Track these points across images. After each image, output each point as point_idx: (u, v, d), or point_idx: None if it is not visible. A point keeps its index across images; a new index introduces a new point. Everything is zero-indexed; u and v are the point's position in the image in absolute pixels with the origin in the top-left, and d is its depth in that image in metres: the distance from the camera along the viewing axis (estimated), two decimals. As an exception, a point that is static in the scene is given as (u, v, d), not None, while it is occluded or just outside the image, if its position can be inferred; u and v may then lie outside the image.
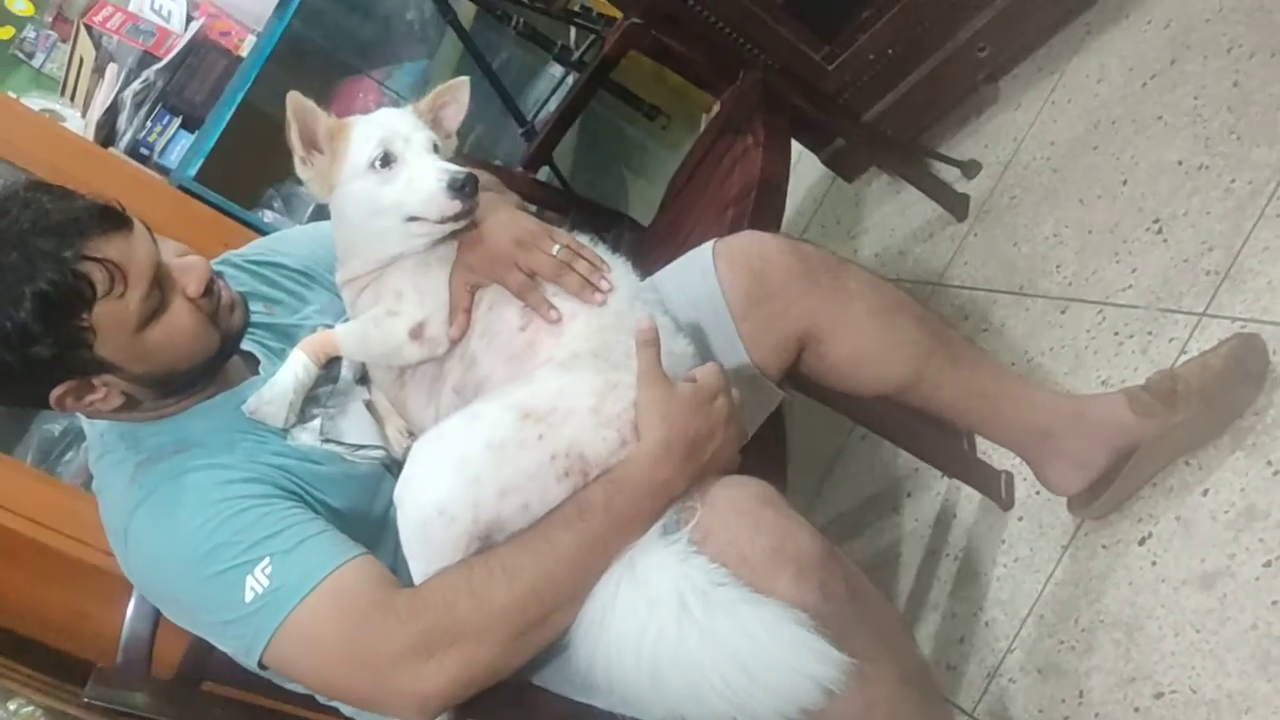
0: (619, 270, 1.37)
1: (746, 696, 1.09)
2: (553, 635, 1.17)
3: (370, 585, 1.17)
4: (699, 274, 1.45)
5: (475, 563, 1.16)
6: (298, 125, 1.30)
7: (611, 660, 1.13)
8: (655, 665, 1.11)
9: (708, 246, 1.47)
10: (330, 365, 1.40)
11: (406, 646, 1.13)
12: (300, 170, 1.34)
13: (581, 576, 1.15)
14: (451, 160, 1.33)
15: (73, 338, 1.20)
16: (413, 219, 1.30)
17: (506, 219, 1.36)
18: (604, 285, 1.33)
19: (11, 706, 1.89)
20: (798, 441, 2.37)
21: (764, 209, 1.89)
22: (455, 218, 1.30)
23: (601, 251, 1.39)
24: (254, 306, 1.48)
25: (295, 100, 1.29)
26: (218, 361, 1.34)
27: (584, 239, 1.39)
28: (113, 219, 1.23)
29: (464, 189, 1.27)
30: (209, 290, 1.30)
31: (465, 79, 1.41)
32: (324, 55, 2.89)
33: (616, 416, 1.22)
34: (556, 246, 1.33)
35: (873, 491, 2.17)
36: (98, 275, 1.19)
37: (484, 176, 1.52)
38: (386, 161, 1.29)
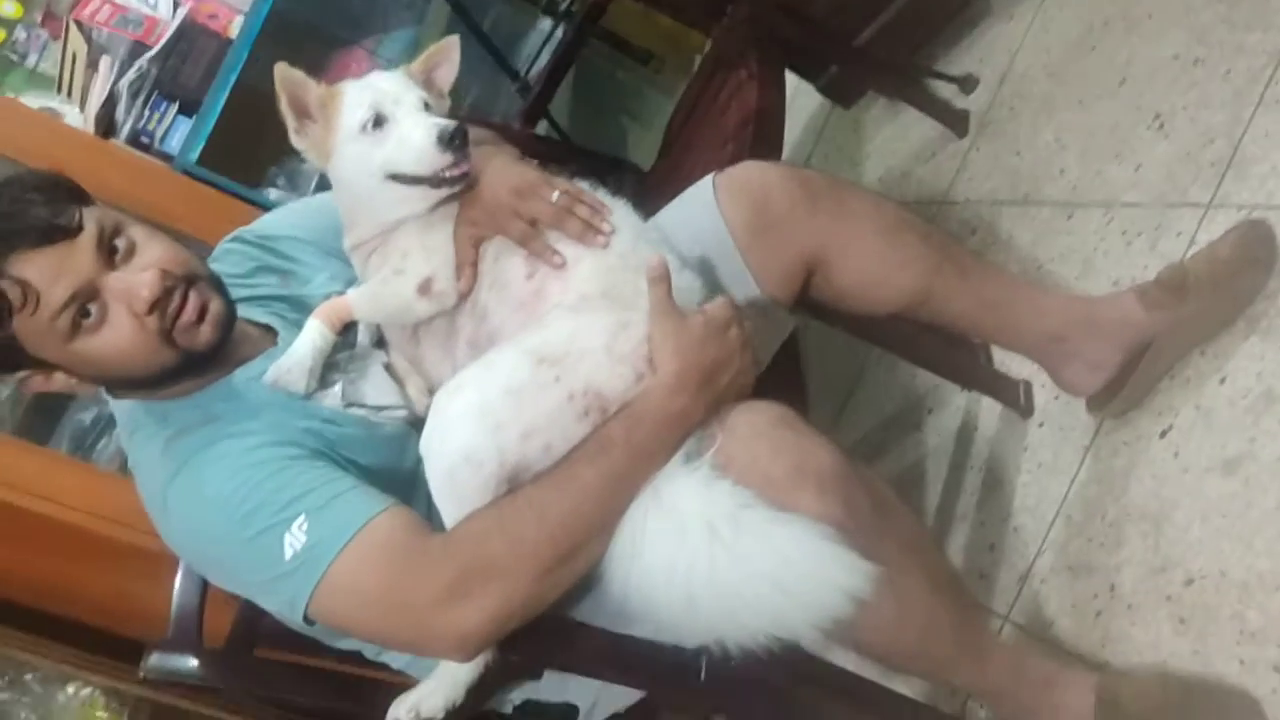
0: (620, 212, 1.38)
1: (781, 613, 1.11)
2: (584, 568, 1.20)
3: (404, 532, 1.20)
4: (701, 208, 1.46)
5: (504, 503, 1.18)
6: (287, 96, 1.31)
7: (645, 589, 1.16)
8: (689, 591, 1.13)
9: (708, 180, 1.48)
10: (346, 331, 1.42)
11: (443, 588, 1.16)
12: (295, 140, 1.36)
13: (608, 509, 1.18)
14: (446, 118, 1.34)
15: (2, 345, 1.25)
16: (409, 180, 1.31)
17: (504, 169, 1.37)
18: (605, 228, 1.34)
19: (70, 690, 1.95)
20: (816, 369, 2.39)
21: (763, 140, 1.89)
22: (451, 178, 1.30)
23: (601, 195, 1.39)
24: (268, 278, 1.51)
25: (282, 71, 1.31)
26: (185, 371, 1.34)
27: (583, 184, 1.40)
28: (50, 232, 1.25)
29: (454, 141, 1.27)
30: (157, 306, 1.28)
31: (454, 38, 1.41)
32: (313, 30, 2.89)
33: (630, 353, 1.23)
34: (555, 193, 1.34)
35: (894, 412, 2.19)
36: (12, 294, 1.23)
37: (480, 131, 1.52)
38: (378, 123, 1.29)
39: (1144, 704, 1.29)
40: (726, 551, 1.12)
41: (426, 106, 1.32)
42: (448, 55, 1.40)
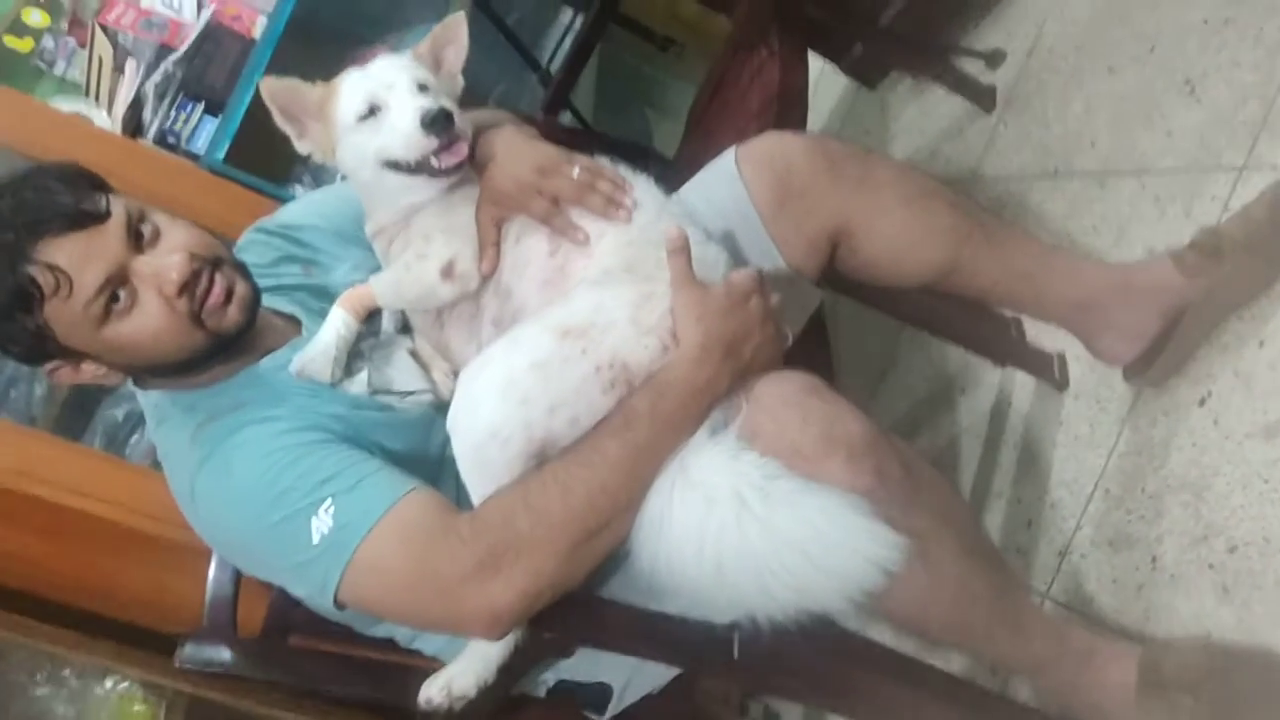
0: (641, 186, 1.38)
1: (811, 584, 1.10)
2: (613, 543, 1.19)
3: (431, 513, 1.20)
4: (724, 181, 1.45)
5: (530, 479, 1.17)
6: (278, 109, 1.32)
7: (674, 562, 1.15)
8: (718, 563, 1.12)
9: (729, 153, 1.47)
10: (371, 319, 1.42)
11: (472, 566, 1.15)
12: (300, 146, 1.37)
13: (634, 482, 1.17)
14: (458, 103, 1.33)
15: (33, 333, 1.25)
16: (406, 169, 1.30)
17: (524, 148, 1.37)
18: (628, 201, 1.33)
19: (108, 684, 1.96)
20: (847, 351, 2.36)
21: (786, 119, 1.88)
22: (446, 168, 1.29)
23: (621, 171, 1.39)
24: (291, 268, 1.51)
25: (267, 87, 1.32)
26: (214, 354, 1.34)
27: (603, 161, 1.39)
28: (77, 218, 1.25)
29: (435, 124, 1.25)
30: (186, 289, 1.29)
31: (460, 14, 1.39)
32: (336, 28, 2.89)
33: (656, 324, 1.22)
34: (576, 169, 1.33)
35: (927, 393, 2.17)
36: (43, 279, 1.22)
37: (496, 113, 1.52)
38: (373, 112, 1.29)
39: (1188, 674, 1.26)
40: (755, 522, 1.10)
41: (422, 88, 1.30)
42: (455, 34, 1.38)
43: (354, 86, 1.31)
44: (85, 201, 1.27)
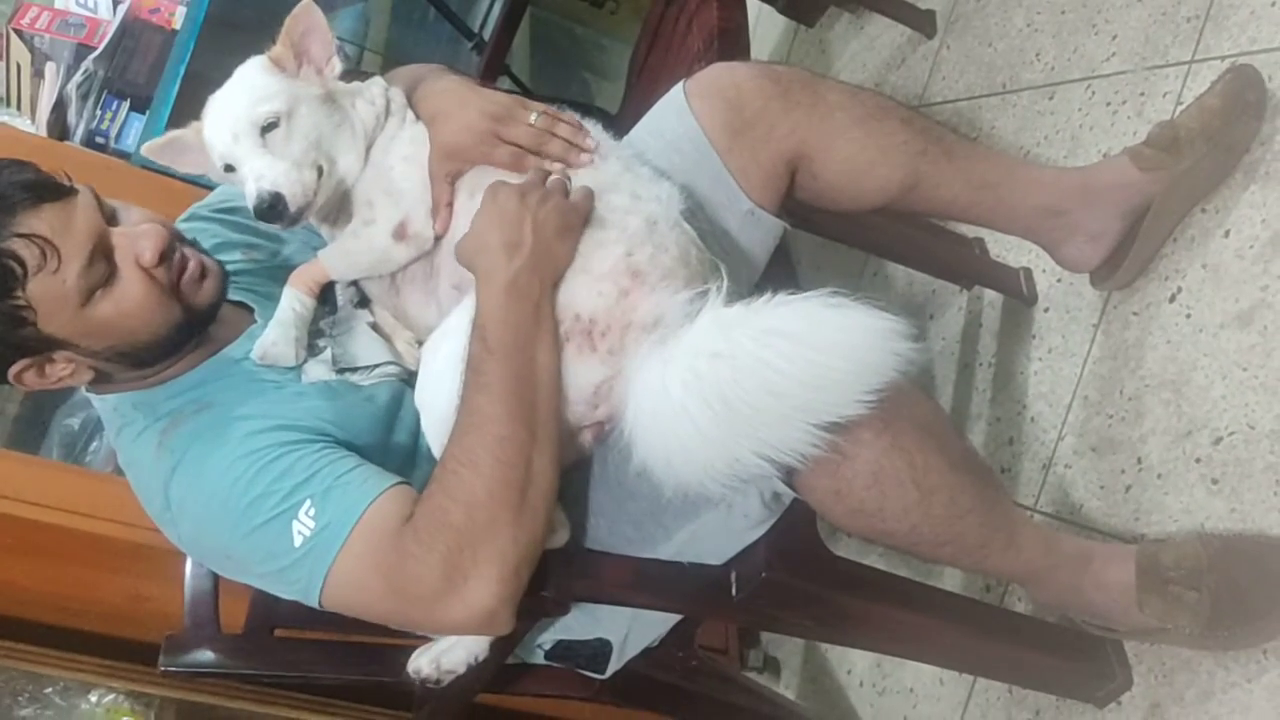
0: (591, 131, 1.34)
1: (827, 379, 1.05)
2: (549, 478, 1.15)
3: (394, 523, 1.14)
4: (675, 116, 1.41)
5: (438, 476, 1.14)
6: (169, 164, 1.34)
7: (683, 435, 1.08)
8: (725, 402, 1.05)
9: (678, 87, 1.43)
10: (325, 295, 1.38)
11: (439, 579, 1.11)
12: (215, 179, 1.35)
13: (523, 414, 1.14)
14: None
15: (10, 317, 1.17)
16: None
17: (472, 97, 1.32)
18: (588, 144, 1.30)
19: (93, 698, 1.91)
20: (810, 289, 2.35)
21: (731, 53, 1.83)
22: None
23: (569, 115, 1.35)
24: (232, 255, 1.44)
25: (149, 150, 1.34)
26: (189, 332, 1.29)
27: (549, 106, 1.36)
28: (47, 189, 1.19)
29: (263, 218, 1.22)
30: (165, 259, 1.24)
31: (306, 1, 1.29)
32: (259, 11, 2.82)
33: (610, 270, 1.20)
34: (533, 114, 1.30)
35: (894, 323, 2.15)
36: (27, 253, 1.15)
37: (425, 67, 1.48)
38: (230, 168, 1.25)
39: (1187, 567, 1.26)
40: (750, 340, 1.06)
41: (269, 128, 1.23)
42: (308, 22, 1.29)
43: (210, 142, 1.26)
44: (48, 177, 1.21)
